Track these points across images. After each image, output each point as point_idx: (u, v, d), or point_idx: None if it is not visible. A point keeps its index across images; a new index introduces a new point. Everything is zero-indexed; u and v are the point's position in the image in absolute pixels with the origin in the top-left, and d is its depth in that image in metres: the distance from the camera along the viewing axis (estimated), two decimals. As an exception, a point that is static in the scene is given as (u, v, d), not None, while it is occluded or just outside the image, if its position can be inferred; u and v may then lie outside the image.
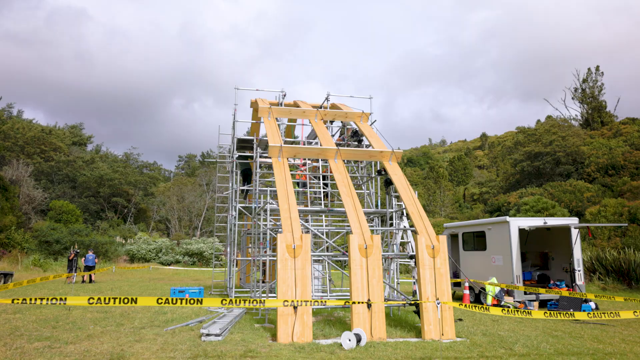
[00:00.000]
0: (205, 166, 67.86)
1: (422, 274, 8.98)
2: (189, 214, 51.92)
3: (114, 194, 43.00)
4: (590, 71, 54.25)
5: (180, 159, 73.41)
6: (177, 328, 9.05)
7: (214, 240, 42.10)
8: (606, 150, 40.08)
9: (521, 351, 7.57)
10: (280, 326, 8.14)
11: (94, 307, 11.76)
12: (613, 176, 38.35)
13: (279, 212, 11.92)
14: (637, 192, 34.46)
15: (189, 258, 39.76)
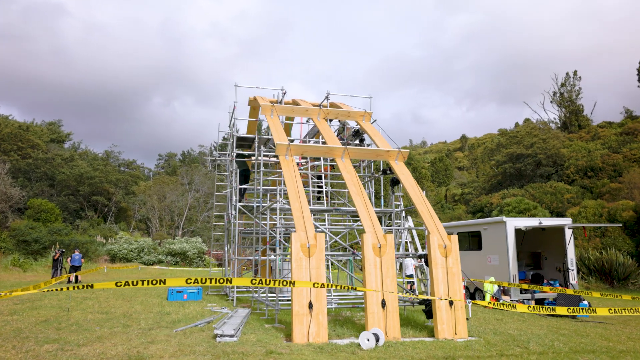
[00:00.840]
0: (185, 165, 67.02)
1: (434, 274, 9.01)
2: (170, 213, 51.13)
3: (94, 192, 41.98)
4: (569, 75, 55.57)
5: (160, 157, 72.31)
6: (187, 329, 8.85)
7: (197, 239, 41.63)
8: (585, 152, 41.09)
9: (537, 349, 7.65)
10: (295, 326, 8.05)
11: (94, 307, 11.44)
12: (592, 178, 39.35)
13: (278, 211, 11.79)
14: (615, 194, 35.40)
15: (172, 258, 39.17)
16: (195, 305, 12.26)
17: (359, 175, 14.98)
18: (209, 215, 55.06)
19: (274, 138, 11.36)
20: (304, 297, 8.27)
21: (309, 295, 8.29)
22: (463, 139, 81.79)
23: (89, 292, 15.58)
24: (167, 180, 53.21)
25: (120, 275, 24.82)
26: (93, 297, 13.97)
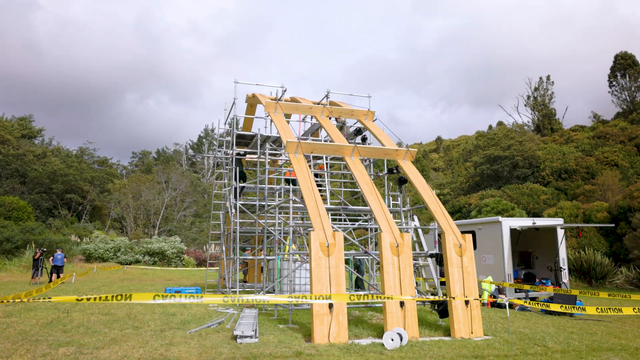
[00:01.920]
0: (161, 163, 65.74)
1: (450, 273, 9.04)
2: (146, 212, 50.03)
3: (68, 190, 40.63)
4: (542, 80, 57.14)
5: (134, 155, 70.68)
6: (201, 330, 8.61)
7: (176, 239, 40.85)
8: (560, 155, 42.29)
9: (556, 348, 7.76)
10: (316, 326, 7.93)
11: (93, 309, 11.01)
12: (566, 180, 40.53)
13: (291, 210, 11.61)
14: (589, 196, 36.56)
15: (150, 257, 38.32)
16: (197, 306, 11.97)
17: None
18: (186, 214, 54.21)
19: (281, 136, 11.19)
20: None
21: (329, 294, 8.18)
22: (438, 141, 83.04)
23: (78, 293, 15.02)
24: (142, 178, 52.02)
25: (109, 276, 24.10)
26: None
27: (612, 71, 47.74)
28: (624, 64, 46.79)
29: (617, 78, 47.49)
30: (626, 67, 46.73)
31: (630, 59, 46.83)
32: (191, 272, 31.03)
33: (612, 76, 47.70)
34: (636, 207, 31.73)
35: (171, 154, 70.86)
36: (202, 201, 56.67)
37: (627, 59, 46.89)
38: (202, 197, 56.79)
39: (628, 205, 32.14)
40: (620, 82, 47.29)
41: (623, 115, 46.73)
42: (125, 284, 19.33)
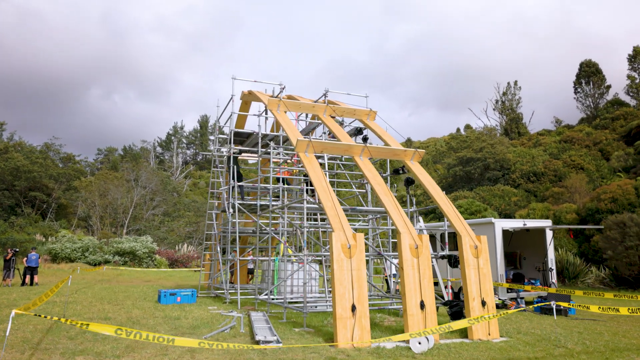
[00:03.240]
0: (127, 160, 63.79)
1: (467, 274, 9.03)
2: (113, 210, 48.39)
3: (32, 187, 38.76)
4: (510, 85, 58.77)
5: (100, 152, 68.27)
6: (216, 335, 8.26)
7: (147, 238, 39.65)
8: (529, 158, 43.58)
9: (577, 349, 7.85)
10: (339, 330, 7.74)
11: (89, 313, 10.43)
12: (535, 182, 41.80)
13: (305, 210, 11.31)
14: (558, 198, 37.84)
15: (120, 257, 37.02)
16: (196, 309, 11.55)
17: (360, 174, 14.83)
18: (155, 213, 52.77)
19: (289, 134, 10.90)
20: (347, 300, 7.97)
21: (351, 298, 8.01)
22: (408, 142, 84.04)
23: (60, 296, 14.25)
24: (110, 176, 50.29)
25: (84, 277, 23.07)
26: (77, 301, 12.78)
27: (577, 78, 49.59)
28: (588, 71, 48.70)
29: (581, 85, 49.38)
30: (590, 74, 48.66)
31: (594, 67, 48.79)
32: (166, 272, 30.17)
33: (577, 83, 49.56)
34: (603, 209, 32.98)
35: (138, 151, 68.91)
36: (171, 200, 55.33)
37: (591, 67, 48.83)
38: (172, 195, 55.44)
39: (596, 207, 33.38)
40: (584, 89, 49.19)
41: (587, 120, 48.63)
42: (105, 286, 18.52)
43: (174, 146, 70.15)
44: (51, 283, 19.74)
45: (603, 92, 48.32)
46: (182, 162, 72.12)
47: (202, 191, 66.45)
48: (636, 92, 44.94)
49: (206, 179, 69.24)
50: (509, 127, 56.88)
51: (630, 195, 31.96)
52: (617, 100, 47.32)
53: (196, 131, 73.71)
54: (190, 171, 68.90)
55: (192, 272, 31.02)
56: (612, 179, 38.58)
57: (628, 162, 39.97)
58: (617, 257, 22.95)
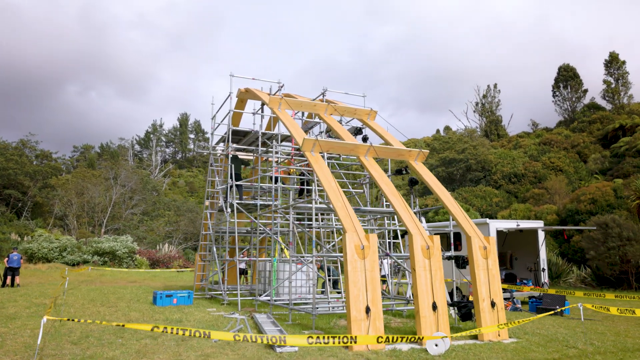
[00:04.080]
0: (104, 158, 62.38)
1: (477, 275, 9.02)
2: (91, 209, 47.19)
3: (7, 185, 37.45)
4: (490, 87, 59.71)
5: (76, 149, 66.46)
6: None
7: (127, 238, 38.78)
8: (510, 160, 44.32)
9: (588, 349, 7.91)
10: (353, 332, 7.61)
11: (84, 316, 10.03)
12: (516, 183, 42.53)
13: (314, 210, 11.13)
14: (538, 199, 38.58)
15: (99, 257, 36.10)
16: (196, 311, 11.25)
17: (360, 173, 14.74)
18: (134, 212, 51.69)
19: (293, 133, 10.72)
20: (361, 301, 7.85)
21: (365, 299, 7.89)
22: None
23: (44, 297, 13.73)
24: (88, 174, 49.03)
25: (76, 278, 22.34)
26: (67, 303, 12.31)
27: (555, 82, 50.69)
28: (566, 75, 49.84)
29: (559, 89, 50.50)
30: (568, 78, 49.80)
31: (572, 71, 49.96)
32: (149, 272, 29.53)
33: (556, 87, 50.66)
34: (583, 210, 33.71)
35: (116, 149, 67.45)
36: (151, 199, 54.31)
37: (569, 71, 49.98)
38: (151, 194, 54.41)
39: (576, 208, 34.11)
40: (562, 92, 50.32)
41: (565, 124, 49.75)
42: (91, 287, 17.95)
43: (153, 144, 68.91)
44: (32, 284, 19.06)
45: (580, 96, 49.53)
46: (161, 160, 70.91)
47: (182, 190, 65.50)
48: (612, 96, 46.20)
49: (186, 177, 68.24)
50: (489, 129, 57.76)
51: (609, 197, 32.77)
52: (594, 104, 48.56)
53: (176, 129, 72.61)
54: (170, 170, 67.81)
55: (177, 273, 30.46)
56: (590, 180, 39.55)
57: (604, 164, 41.04)
58: (600, 257, 23.46)
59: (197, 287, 17.53)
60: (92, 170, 50.94)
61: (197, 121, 74.04)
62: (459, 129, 58.01)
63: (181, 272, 32.45)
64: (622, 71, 45.82)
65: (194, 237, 52.01)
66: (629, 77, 45.43)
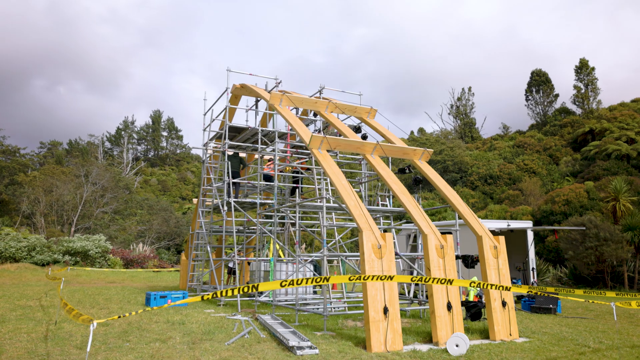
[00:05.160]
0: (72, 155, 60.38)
1: (488, 275, 9.00)
2: (60, 208, 45.49)
3: (-30, 181, 35.65)
4: (464, 91, 60.75)
5: (43, 145, 63.96)
6: (236, 340, 7.74)
7: (100, 237, 37.55)
8: (485, 162, 45.16)
9: (600, 347, 7.99)
10: (372, 334, 7.45)
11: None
12: (491, 185, 43.36)
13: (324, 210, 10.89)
14: (513, 200, 39.44)
15: (71, 257, 34.80)
16: (195, 312, 10.86)
17: (359, 172, 14.59)
18: (105, 211, 50.16)
19: (297, 130, 10.48)
20: (379, 301, 7.70)
21: (382, 300, 7.75)
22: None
23: (37, 301, 13.06)
24: (57, 171, 47.27)
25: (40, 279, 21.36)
26: (54, 305, 11.69)
27: (528, 86, 51.98)
28: (539, 80, 51.18)
29: (532, 93, 51.81)
30: (540, 83, 51.15)
31: (544, 76, 51.34)
32: (126, 273, 28.66)
33: (528, 91, 51.95)
34: (558, 211, 34.58)
35: (85, 145, 65.34)
36: (123, 197, 52.84)
37: (541, 76, 51.34)
38: (123, 192, 52.93)
39: (550, 209, 34.98)
40: (535, 97, 51.64)
41: (537, 127, 51.07)
42: (72, 288, 17.20)
43: (124, 141, 67.04)
44: (5, 285, 18.14)
45: (552, 101, 50.93)
46: (132, 158, 69.07)
47: (154, 189, 64.02)
48: (582, 101, 47.70)
49: (158, 176, 66.73)
50: (463, 132, 58.76)
51: (582, 198, 33.74)
52: (565, 108, 50.03)
53: (148, 126, 70.88)
54: (141, 168, 66.14)
55: (155, 273, 29.67)
56: (562, 183, 40.71)
57: (575, 167, 42.31)
58: (578, 257, 24.10)
59: (184, 287, 17.05)
60: (62, 167, 49.14)
61: (171, 119, 72.59)
62: (435, 131, 58.79)
63: (158, 272, 31.65)
64: (591, 77, 47.35)
65: (167, 237, 50.87)
66: (597, 82, 47.01)
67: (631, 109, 45.58)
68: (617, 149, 38.31)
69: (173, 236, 51.29)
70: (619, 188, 24.04)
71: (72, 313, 5.52)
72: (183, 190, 65.00)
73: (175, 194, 64.15)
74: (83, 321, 5.09)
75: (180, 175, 67.01)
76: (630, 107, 46.64)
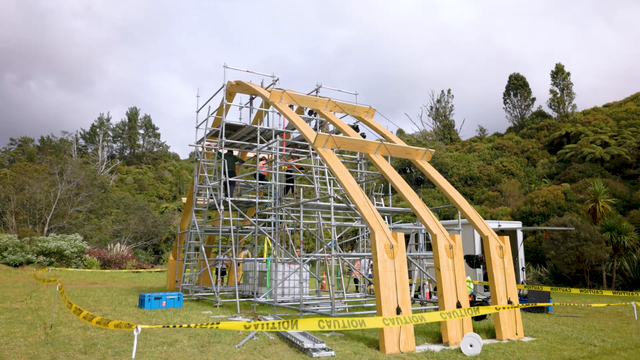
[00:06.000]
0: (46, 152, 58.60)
1: (494, 275, 9.02)
2: (32, 207, 44.01)
3: (-62, 178, 34.10)
4: (443, 93, 61.48)
5: (13, 142, 61.75)
6: (246, 343, 7.53)
7: (77, 237, 36.49)
8: (465, 163, 45.79)
9: (607, 346, 8.09)
10: (386, 335, 7.36)
11: (78, 322, 9.12)
12: (472, 186, 43.98)
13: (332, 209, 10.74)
14: (493, 201, 40.07)
15: (45, 258, 33.69)
16: (193, 314, 10.57)
17: (353, 171, 14.50)
18: (80, 210, 48.81)
19: (301, 129, 10.30)
20: (391, 302, 7.61)
21: (395, 300, 7.66)
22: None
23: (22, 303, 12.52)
24: (29, 168, 45.75)
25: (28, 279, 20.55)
26: (42, 308, 11.22)
27: (506, 90, 52.95)
28: (517, 84, 52.19)
29: (510, 96, 52.80)
30: (518, 87, 52.18)
31: (522, 80, 52.40)
32: (105, 273, 27.93)
33: (507, 94, 52.93)
34: (536, 212, 35.25)
35: (58, 142, 63.46)
36: (98, 196, 51.52)
37: (519, 80, 52.38)
38: (99, 191, 51.62)
39: (529, 210, 35.63)
40: (512, 100, 52.65)
41: (515, 130, 52.06)
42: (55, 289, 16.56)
43: (100, 139, 65.37)
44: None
45: (529, 104, 52.01)
46: (107, 156, 67.42)
47: (130, 187, 62.68)
48: (557, 105, 48.86)
49: (134, 174, 65.35)
50: (442, 133, 59.45)
51: (560, 200, 34.50)
52: (541, 112, 51.16)
53: (124, 124, 69.30)
54: (117, 166, 64.63)
55: (135, 274, 29.00)
56: (540, 184, 41.59)
57: (552, 169, 43.29)
58: (559, 257, 24.63)
59: (172, 288, 16.66)
60: (34, 165, 47.60)
61: (148, 116, 71.14)
62: (415, 133, 59.30)
63: (138, 272, 30.95)
64: (566, 82, 48.56)
65: (144, 237, 49.85)
66: (572, 87, 48.24)
67: (604, 114, 46.93)
68: (591, 152, 39.35)
69: (150, 236, 50.29)
70: (598, 190, 24.65)
71: (93, 319, 5.23)
72: (160, 189, 63.84)
73: (152, 193, 62.94)
74: (117, 327, 4.83)
75: (157, 174, 65.76)
76: (603, 112, 48.01)
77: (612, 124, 43.77)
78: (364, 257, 13.09)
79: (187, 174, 66.74)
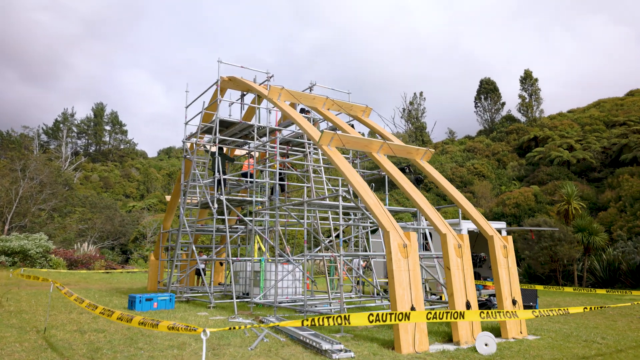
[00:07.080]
0: (5, 147, 55.99)
1: (499, 274, 9.09)
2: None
3: None
4: (416, 95, 62.30)
5: (-30, 136, 58.68)
6: (257, 345, 7.29)
7: (42, 236, 34.96)
8: (438, 164, 46.50)
9: (612, 344, 8.26)
10: (401, 335, 7.27)
11: (74, 324, 8.63)
12: (444, 187, 44.74)
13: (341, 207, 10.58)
14: (465, 202, 40.85)
15: (7, 258, 32.14)
16: (190, 316, 10.20)
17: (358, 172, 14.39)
18: (43, 208, 46.82)
19: (304, 127, 10.11)
20: (406, 302, 7.53)
21: (409, 299, 7.59)
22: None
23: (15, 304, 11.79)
24: (-11, 163, 43.54)
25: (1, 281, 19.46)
26: (24, 310, 10.58)
27: (477, 94, 54.15)
28: (487, 88, 53.44)
29: (481, 100, 54.02)
30: (489, 91, 53.43)
31: (492, 85, 53.69)
32: (78, 274, 26.87)
33: (477, 98, 54.12)
34: (508, 213, 36.11)
35: (18, 137, 60.72)
36: (62, 194, 49.56)
37: (490, 85, 53.65)
38: (63, 189, 49.66)
39: (502, 211, 36.47)
40: (483, 104, 53.88)
41: (485, 133, 53.30)
42: (29, 291, 15.74)
43: (63, 135, 62.93)
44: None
45: (499, 108, 53.33)
46: (71, 152, 64.99)
47: (95, 185, 60.65)
48: (526, 110, 50.32)
49: (100, 172, 63.27)
50: (415, 135, 60.21)
51: (530, 202, 35.48)
52: (510, 116, 52.55)
53: (90, 120, 66.96)
54: (82, 163, 62.38)
55: (108, 274, 28.02)
56: (510, 186, 42.70)
57: (521, 171, 44.51)
58: (533, 257, 25.30)
59: (154, 289, 16.12)
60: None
61: (115, 112, 68.95)
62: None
63: (109, 273, 29.90)
64: (534, 87, 50.07)
65: (111, 236, 48.29)
66: (540, 93, 49.79)
67: (569, 119, 48.65)
68: (559, 156, 40.67)
69: (118, 235, 48.76)
70: (570, 192, 25.44)
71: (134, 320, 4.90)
72: (127, 187, 62.04)
73: (118, 191, 61.09)
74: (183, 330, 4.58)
75: (124, 171, 63.85)
76: (568, 117, 49.77)
77: (577, 128, 45.39)
78: (358, 256, 13.00)
79: (155, 172, 65.08)
